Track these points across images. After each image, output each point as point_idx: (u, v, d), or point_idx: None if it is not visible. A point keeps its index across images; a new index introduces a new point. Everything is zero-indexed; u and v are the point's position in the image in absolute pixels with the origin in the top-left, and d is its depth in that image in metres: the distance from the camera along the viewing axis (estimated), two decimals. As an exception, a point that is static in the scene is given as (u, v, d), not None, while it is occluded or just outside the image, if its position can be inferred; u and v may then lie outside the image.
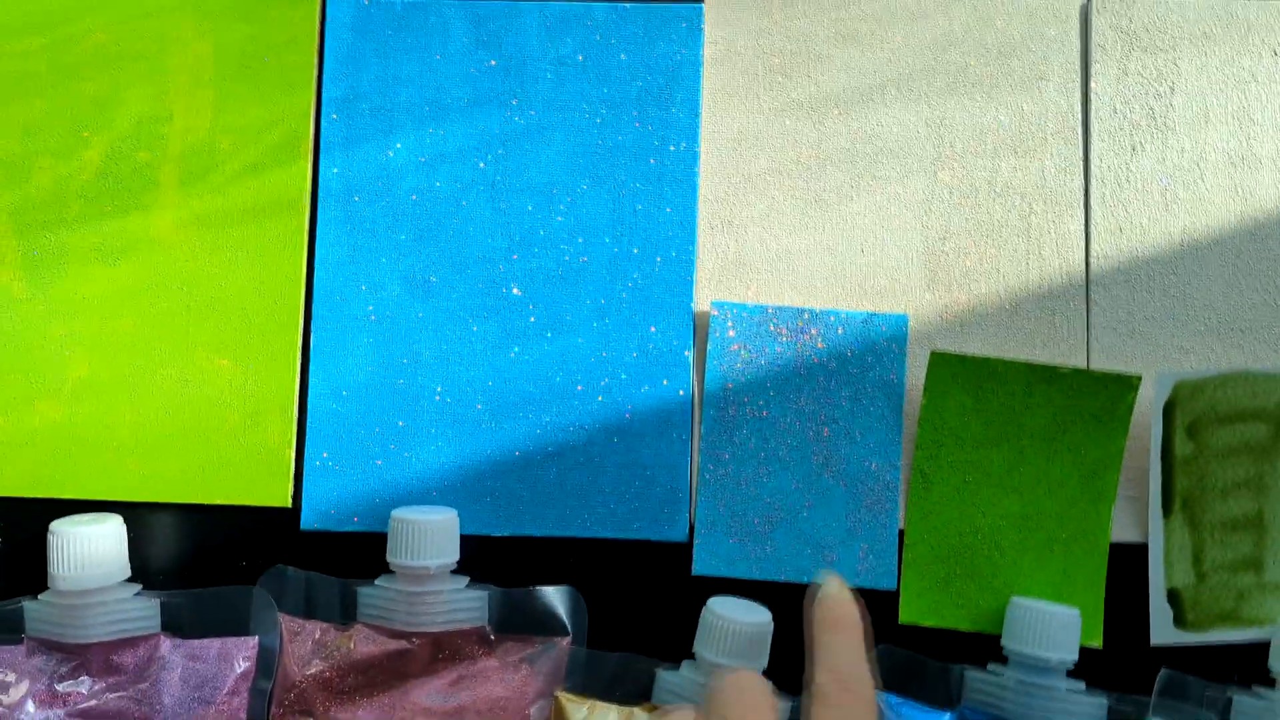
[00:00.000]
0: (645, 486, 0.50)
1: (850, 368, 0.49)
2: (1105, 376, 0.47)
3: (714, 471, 0.50)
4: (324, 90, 0.52)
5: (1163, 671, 0.48)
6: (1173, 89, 0.50)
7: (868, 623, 0.40)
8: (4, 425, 0.50)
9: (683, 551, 0.50)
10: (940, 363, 0.48)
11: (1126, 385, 0.47)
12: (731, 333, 0.50)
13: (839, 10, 0.51)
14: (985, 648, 0.49)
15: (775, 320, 0.50)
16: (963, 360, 0.48)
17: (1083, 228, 0.50)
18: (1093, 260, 0.50)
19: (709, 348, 0.50)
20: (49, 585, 0.47)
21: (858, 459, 0.49)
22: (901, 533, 0.49)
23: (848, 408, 0.49)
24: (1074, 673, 0.46)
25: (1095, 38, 0.51)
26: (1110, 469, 0.48)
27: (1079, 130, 0.50)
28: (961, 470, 0.49)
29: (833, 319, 0.49)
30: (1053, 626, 0.45)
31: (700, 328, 0.51)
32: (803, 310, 0.50)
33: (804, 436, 0.49)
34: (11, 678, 0.47)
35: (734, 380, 0.50)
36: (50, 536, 0.46)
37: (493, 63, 0.52)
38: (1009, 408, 0.48)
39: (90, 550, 0.46)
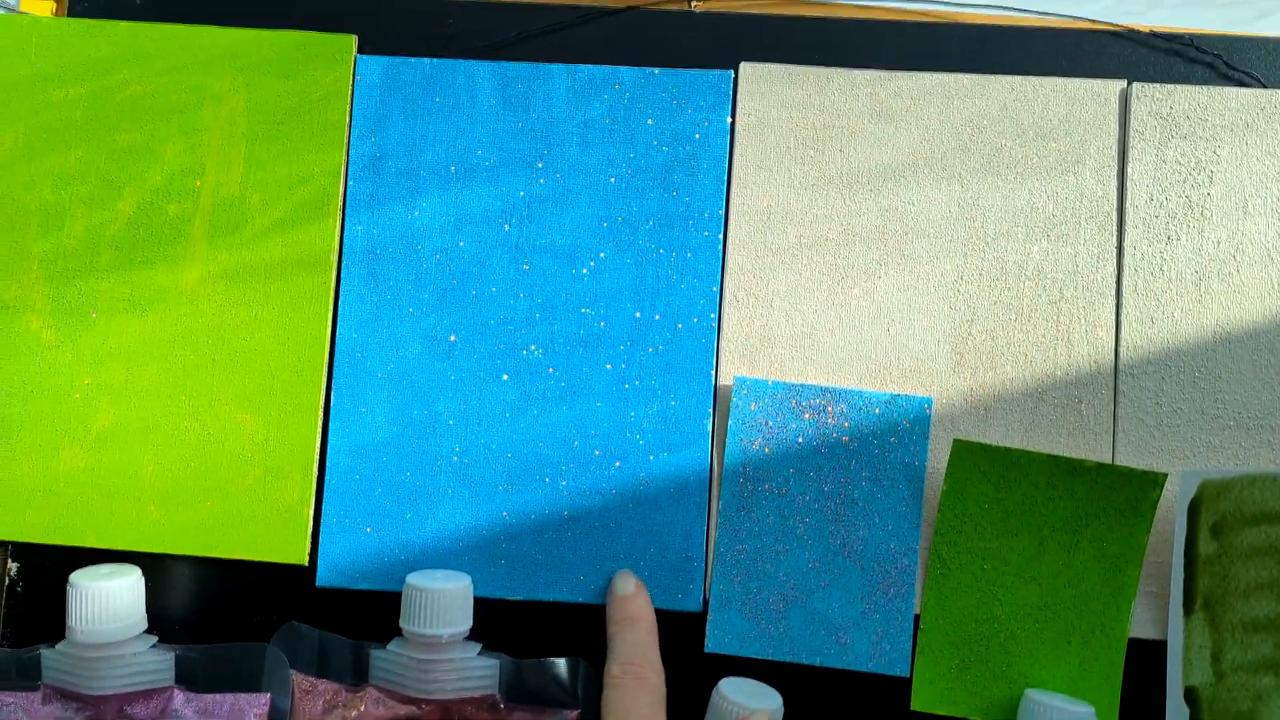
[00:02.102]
0: (660, 555, 0.50)
1: (872, 449, 0.49)
2: (1130, 472, 0.46)
3: (730, 547, 0.49)
4: (351, 148, 0.52)
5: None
6: (1211, 178, 0.49)
7: (654, 616, 0.48)
8: (29, 471, 0.51)
9: (696, 622, 0.50)
10: (963, 451, 0.48)
11: (1151, 482, 0.46)
12: (754, 407, 0.49)
13: (874, 86, 0.51)
14: (996, 738, 0.48)
15: (798, 398, 0.49)
16: (986, 449, 0.47)
17: (1114, 316, 0.49)
18: (1123, 350, 0.49)
19: (730, 423, 0.49)
20: (66, 636, 0.47)
21: (876, 541, 0.49)
22: (917, 618, 0.49)
23: (868, 489, 0.49)
24: (1086, 769, 0.46)
25: (1134, 123, 0.50)
26: (1131, 564, 0.47)
27: (1114, 217, 0.50)
28: (980, 558, 0.48)
29: (856, 399, 0.49)
30: (1066, 725, 0.45)
31: (721, 398, 0.50)
32: (826, 389, 0.49)
33: (822, 516, 0.49)
34: (28, 724, 0.48)
35: (754, 457, 0.49)
36: (69, 589, 0.47)
37: (519, 124, 0.52)
38: (1031, 499, 0.48)
39: (108, 604, 0.47)
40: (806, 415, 0.49)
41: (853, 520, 0.49)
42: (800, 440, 0.49)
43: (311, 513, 0.51)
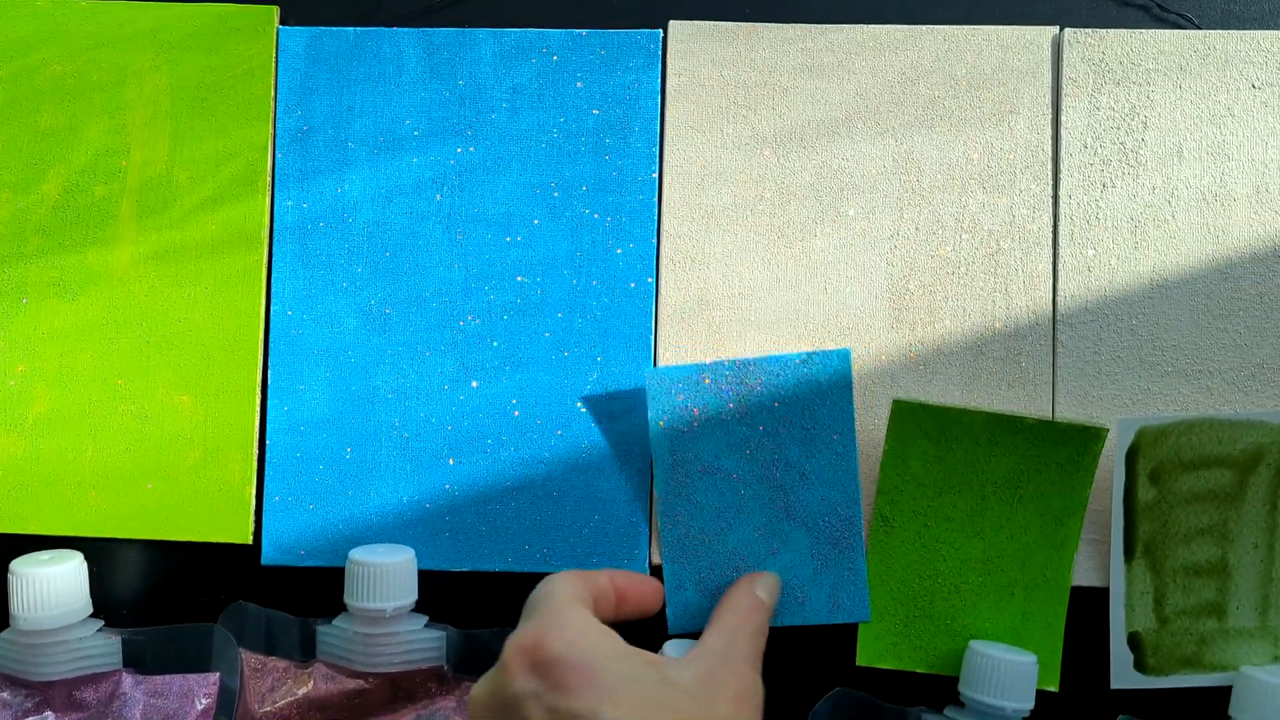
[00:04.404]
0: (605, 520, 0.50)
1: (797, 410, 0.48)
2: (1070, 427, 0.46)
3: (674, 532, 0.49)
4: (278, 122, 0.51)
5: (1121, 718, 0.48)
6: (1145, 124, 0.49)
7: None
8: (-33, 460, 0.51)
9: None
10: (904, 410, 0.47)
11: (1092, 437, 0.46)
12: (670, 394, 0.48)
13: (805, 41, 0.50)
14: (941, 688, 0.49)
15: (712, 375, 0.48)
16: (926, 408, 0.47)
17: (1050, 266, 0.49)
18: (1060, 300, 0.49)
19: (650, 415, 0.48)
20: (10, 623, 0.47)
21: (816, 499, 0.48)
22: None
23: (800, 450, 0.48)
24: (1032, 716, 0.46)
25: (1067, 71, 0.49)
26: (1073, 517, 0.47)
27: (1049, 166, 0.49)
28: (923, 516, 0.48)
29: (771, 365, 0.48)
30: (1009, 675, 0.45)
31: (660, 361, 0.50)
32: (738, 361, 0.48)
33: (760, 485, 0.48)
34: (-23, 712, 0.48)
35: (680, 442, 0.48)
36: (10, 577, 0.47)
37: (447, 92, 0.51)
38: (973, 456, 0.47)
39: (50, 591, 0.47)
40: (726, 389, 0.48)
41: (790, 483, 0.48)
42: (723, 416, 0.48)
43: (253, 491, 0.50)
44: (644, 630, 0.49)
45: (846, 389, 0.48)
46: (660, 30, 0.51)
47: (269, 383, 0.51)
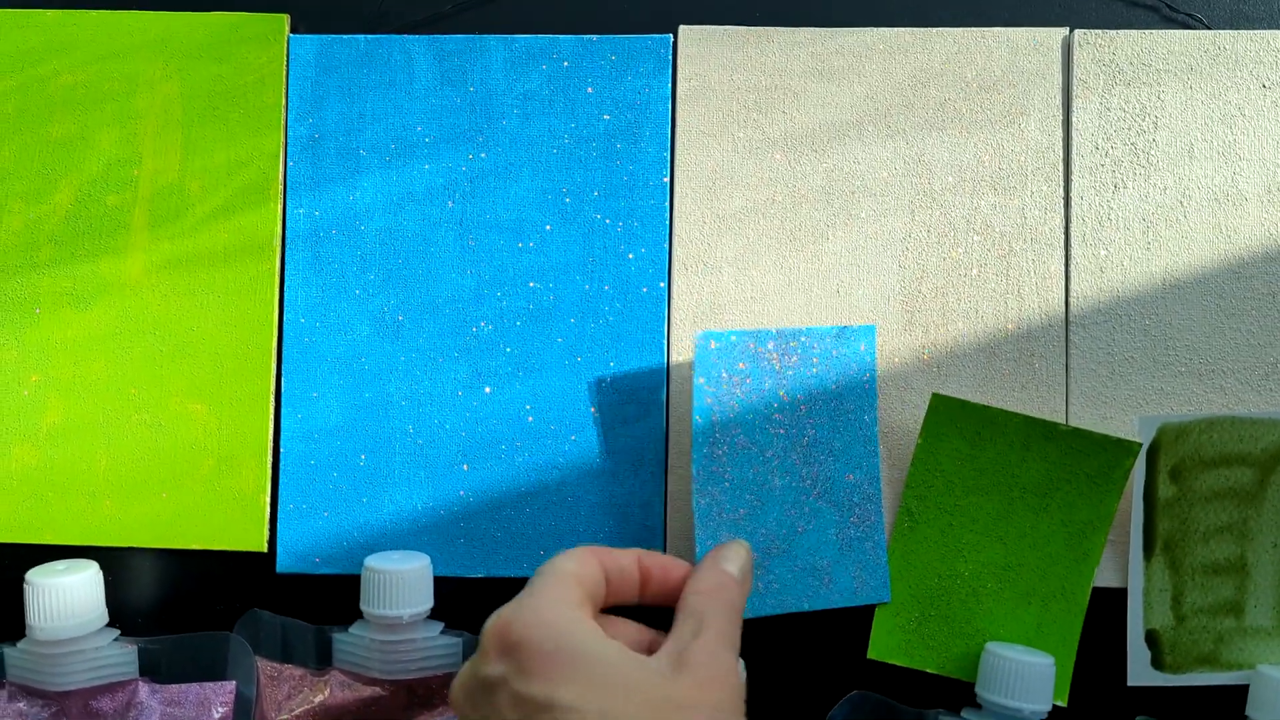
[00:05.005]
0: (619, 526, 0.50)
1: (829, 385, 0.48)
2: (1104, 440, 0.46)
3: (707, 510, 0.48)
4: (289, 130, 0.51)
5: (1138, 718, 0.48)
6: (1156, 124, 0.49)
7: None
8: (-19, 471, 0.51)
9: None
10: (941, 406, 0.47)
11: (1125, 451, 0.46)
12: (723, 359, 0.48)
13: (815, 44, 0.50)
14: (958, 689, 0.49)
15: (758, 343, 0.48)
16: (964, 406, 0.47)
17: (1063, 267, 0.49)
18: (1073, 300, 0.49)
19: (696, 382, 0.48)
20: (27, 634, 0.47)
21: (840, 476, 0.48)
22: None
23: (828, 425, 0.48)
24: (1049, 718, 0.46)
25: (1077, 72, 0.49)
26: (1098, 531, 0.47)
27: (1060, 167, 0.49)
28: (949, 514, 0.48)
29: (809, 336, 0.47)
30: (1027, 677, 0.45)
31: (681, 361, 0.50)
32: (780, 331, 0.47)
33: (791, 462, 0.48)
34: (-7, 723, 0.48)
35: (723, 413, 0.48)
36: (26, 587, 0.47)
37: (458, 99, 0.51)
38: (1004, 458, 0.47)
39: (66, 601, 0.47)
40: (770, 360, 0.48)
41: (818, 460, 0.48)
42: (763, 387, 0.48)
43: (268, 499, 0.50)
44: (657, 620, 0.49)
45: (871, 365, 0.47)
46: (670, 35, 0.51)
47: (282, 390, 0.51)
